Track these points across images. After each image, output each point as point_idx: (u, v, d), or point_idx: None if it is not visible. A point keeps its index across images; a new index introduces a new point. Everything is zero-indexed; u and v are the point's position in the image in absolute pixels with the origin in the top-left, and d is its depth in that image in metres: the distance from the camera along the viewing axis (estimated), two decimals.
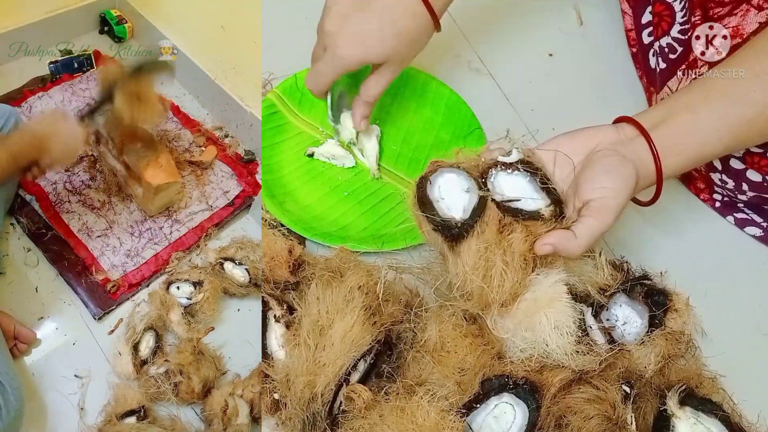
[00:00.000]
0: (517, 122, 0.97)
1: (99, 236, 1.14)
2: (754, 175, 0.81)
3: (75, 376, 0.97)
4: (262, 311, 0.74)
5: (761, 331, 0.81)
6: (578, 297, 0.71)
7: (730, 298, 0.82)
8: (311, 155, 0.92)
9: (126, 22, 1.42)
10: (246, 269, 1.09)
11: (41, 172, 0.98)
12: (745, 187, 0.83)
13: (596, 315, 0.71)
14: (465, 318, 0.70)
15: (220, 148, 1.29)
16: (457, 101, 0.94)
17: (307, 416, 0.65)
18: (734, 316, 0.81)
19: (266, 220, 0.83)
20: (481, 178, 0.66)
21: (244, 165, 1.29)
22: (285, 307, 0.74)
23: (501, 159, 0.67)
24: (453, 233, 0.63)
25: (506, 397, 0.65)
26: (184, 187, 1.21)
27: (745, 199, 0.87)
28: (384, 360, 0.70)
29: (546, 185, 0.66)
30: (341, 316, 0.67)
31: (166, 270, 1.11)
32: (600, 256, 0.74)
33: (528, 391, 0.65)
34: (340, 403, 0.66)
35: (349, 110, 0.87)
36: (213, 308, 1.04)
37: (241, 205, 1.23)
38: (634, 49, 1.01)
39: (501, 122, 0.95)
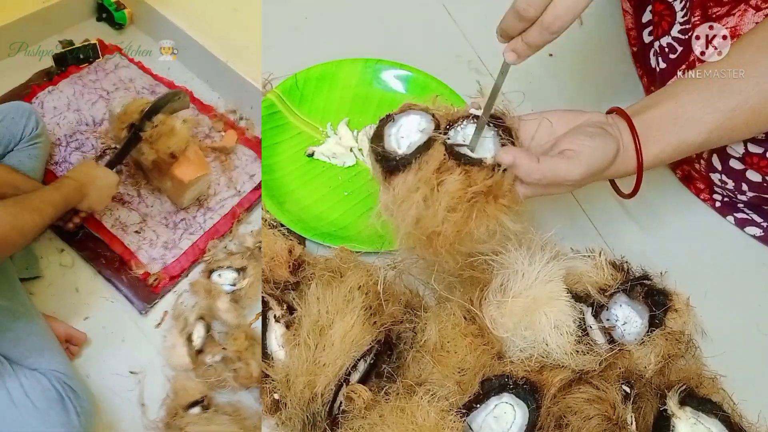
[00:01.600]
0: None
1: (135, 231, 1.12)
2: (753, 176, 0.81)
3: (130, 372, 0.96)
4: (262, 311, 0.74)
5: (761, 331, 0.81)
6: (578, 297, 0.71)
7: (730, 298, 0.82)
8: (311, 155, 0.92)
9: (125, 8, 1.39)
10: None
11: (79, 218, 1.05)
12: (744, 187, 0.83)
13: (596, 315, 0.71)
14: (465, 318, 0.70)
15: (239, 132, 1.28)
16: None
17: (307, 416, 0.65)
18: (734, 316, 0.81)
19: (266, 220, 0.83)
20: (448, 125, 0.66)
21: None
22: (285, 307, 0.74)
23: (472, 111, 0.67)
24: (389, 165, 0.64)
25: (506, 397, 0.65)
26: (213, 176, 1.20)
27: (745, 200, 0.87)
28: (384, 360, 0.70)
29: (510, 142, 0.65)
30: (341, 316, 0.67)
31: (204, 259, 1.10)
32: (600, 256, 0.74)
33: (528, 391, 0.65)
34: (340, 403, 0.66)
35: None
36: (257, 293, 1.02)
37: None
38: (635, 49, 1.01)
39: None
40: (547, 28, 0.60)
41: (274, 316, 0.73)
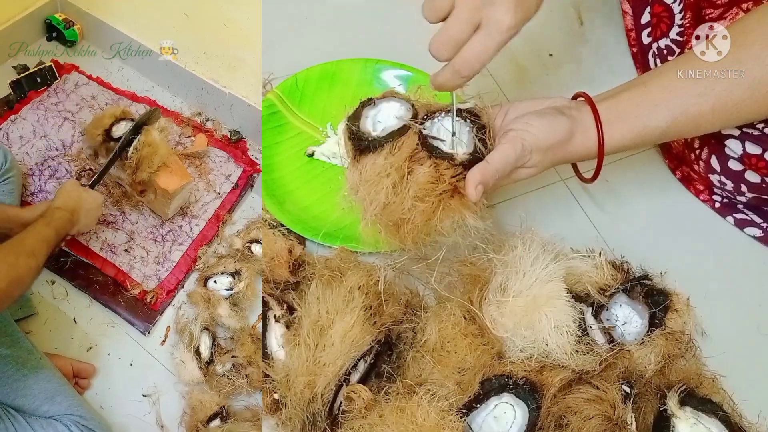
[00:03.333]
0: None
1: (124, 250, 1.11)
2: (752, 176, 0.81)
3: (143, 396, 0.96)
4: (262, 311, 0.74)
5: (761, 331, 0.81)
6: (578, 297, 0.71)
7: (730, 298, 0.82)
8: (311, 155, 0.92)
9: (74, 24, 1.36)
10: None
11: (64, 242, 1.03)
12: (744, 188, 0.83)
13: (596, 315, 0.71)
14: (465, 318, 0.70)
15: (208, 134, 1.28)
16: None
17: (307, 416, 0.65)
18: (734, 316, 0.81)
19: (266, 220, 0.83)
20: (426, 116, 0.68)
21: (235, 145, 1.29)
22: (285, 307, 0.74)
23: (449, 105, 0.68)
24: (361, 144, 0.66)
25: (506, 397, 0.65)
26: (195, 184, 1.21)
27: (745, 200, 0.87)
28: (384, 360, 0.70)
29: (477, 142, 0.66)
30: (341, 316, 0.67)
31: (197, 267, 1.10)
32: (600, 256, 0.74)
33: (528, 391, 0.65)
34: (340, 403, 0.66)
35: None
36: (255, 294, 1.03)
37: (245, 185, 1.23)
38: (635, 49, 1.01)
39: None
40: (458, 72, 0.64)
41: (274, 316, 0.73)
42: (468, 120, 0.67)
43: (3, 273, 0.80)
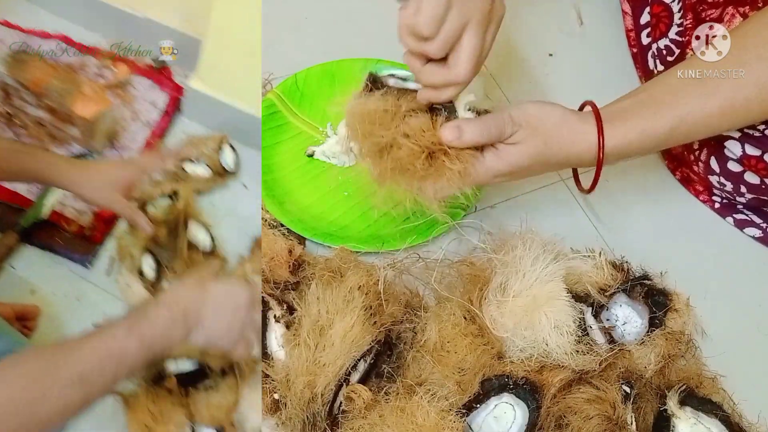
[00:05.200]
0: None
1: None
2: (752, 178, 0.81)
3: (92, 325, 0.94)
4: (263, 311, 0.74)
5: (761, 331, 0.81)
6: (578, 297, 0.71)
7: (730, 298, 0.82)
8: (311, 155, 0.92)
9: None
10: (205, 164, 1.09)
11: None
12: (743, 189, 0.83)
13: (596, 315, 0.71)
14: (465, 318, 0.70)
15: (130, 64, 1.23)
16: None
17: (307, 416, 0.65)
18: (734, 316, 0.81)
19: (266, 220, 0.83)
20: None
21: (160, 72, 1.24)
22: (285, 307, 0.74)
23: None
24: (374, 83, 0.71)
25: (506, 397, 0.65)
26: (117, 110, 1.15)
27: (744, 201, 0.87)
28: (384, 360, 0.70)
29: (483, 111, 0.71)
30: (341, 316, 0.67)
31: (133, 196, 1.03)
32: (600, 256, 0.75)
33: (528, 391, 0.65)
34: (340, 403, 0.66)
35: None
36: (193, 212, 1.02)
37: (174, 111, 1.20)
38: (635, 50, 1.01)
39: None
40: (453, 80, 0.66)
41: (274, 316, 0.73)
42: (476, 113, 0.70)
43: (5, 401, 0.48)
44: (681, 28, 0.89)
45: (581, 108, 0.74)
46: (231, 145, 1.11)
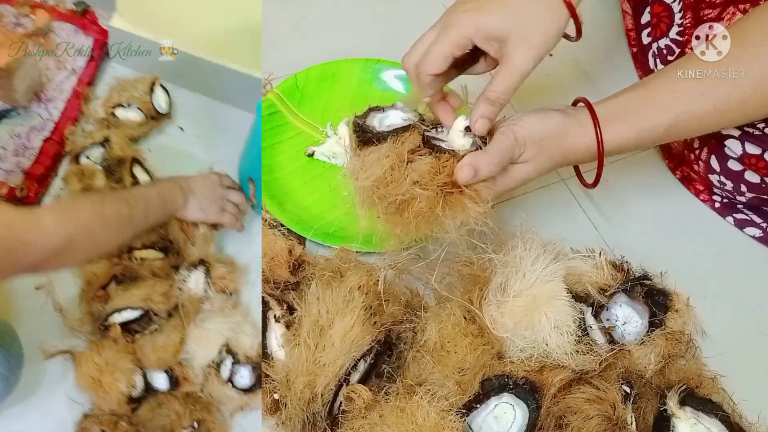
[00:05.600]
0: None
1: None
2: (752, 176, 0.81)
3: (36, 289, 0.91)
4: (262, 311, 0.74)
5: (761, 331, 0.81)
6: (578, 297, 0.71)
7: (730, 298, 0.82)
8: (311, 155, 0.92)
9: None
10: (137, 108, 1.05)
11: None
12: (743, 188, 0.83)
13: (596, 315, 0.71)
14: (465, 318, 0.70)
15: (50, 9, 1.17)
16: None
17: (307, 416, 0.65)
18: (734, 316, 0.81)
19: (266, 220, 0.83)
20: (432, 125, 0.69)
21: (83, 16, 1.19)
22: (285, 307, 0.74)
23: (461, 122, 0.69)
24: (365, 136, 0.67)
25: (506, 397, 0.65)
26: (37, 59, 1.09)
27: (744, 200, 0.87)
28: (384, 360, 0.70)
29: (483, 140, 0.67)
30: (341, 316, 0.67)
31: (67, 150, 1.04)
32: (600, 256, 0.75)
33: (528, 391, 0.65)
34: (340, 403, 0.66)
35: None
36: (127, 153, 1.00)
37: (101, 56, 1.15)
38: (635, 49, 1.01)
39: None
40: (494, 102, 0.66)
41: (274, 316, 0.73)
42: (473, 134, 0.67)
43: (81, 212, 0.72)
44: (681, 28, 0.89)
45: (574, 104, 0.73)
46: (163, 87, 1.08)
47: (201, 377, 0.81)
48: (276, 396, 0.69)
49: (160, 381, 0.81)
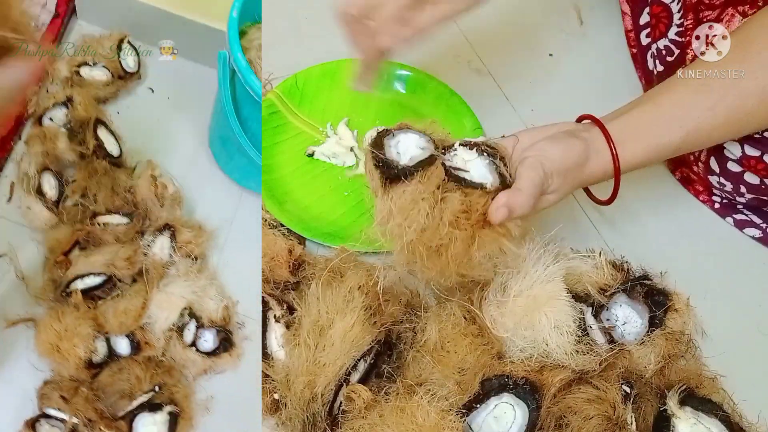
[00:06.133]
0: (517, 122, 0.97)
1: None
2: (751, 178, 0.81)
3: None
4: (262, 311, 0.74)
5: (761, 331, 0.81)
6: (578, 297, 0.71)
7: (730, 298, 0.82)
8: (311, 155, 0.92)
9: None
10: (103, 66, 1.01)
11: None
12: (743, 189, 0.83)
13: (596, 315, 0.71)
14: (465, 318, 0.70)
15: None
16: (457, 101, 0.94)
17: (307, 416, 0.65)
18: (734, 316, 0.81)
19: (266, 220, 0.83)
20: (443, 149, 0.66)
21: None
22: (285, 307, 0.74)
23: (466, 139, 0.67)
24: (391, 173, 0.63)
25: (506, 397, 0.65)
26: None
27: (744, 202, 0.87)
28: (384, 360, 0.70)
29: (501, 172, 0.64)
30: (341, 316, 0.67)
31: (29, 112, 0.98)
32: (600, 256, 0.75)
33: (528, 391, 0.65)
34: (340, 403, 0.66)
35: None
36: (90, 114, 0.95)
37: (66, 12, 1.09)
38: (634, 50, 1.01)
39: (501, 122, 0.96)
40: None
41: (274, 316, 0.73)
42: (486, 153, 0.65)
43: None
44: (681, 29, 0.89)
45: (579, 120, 0.73)
46: (132, 45, 1.04)
47: (162, 341, 0.80)
48: (276, 396, 0.69)
49: (122, 346, 0.80)
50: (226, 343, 0.82)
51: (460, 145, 0.66)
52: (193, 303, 0.82)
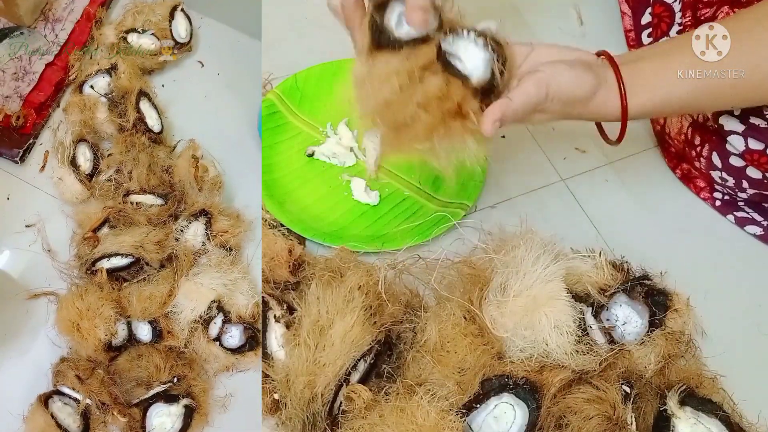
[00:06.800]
0: None
1: None
2: (754, 172, 0.81)
3: (26, 226, 0.86)
4: (262, 311, 0.74)
5: (761, 331, 0.81)
6: (578, 297, 0.71)
7: (730, 298, 0.82)
8: (311, 155, 0.92)
9: None
10: (152, 34, 0.97)
11: None
12: (745, 184, 0.83)
13: (596, 315, 0.71)
14: (465, 318, 0.70)
15: None
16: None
17: (307, 416, 0.65)
18: (734, 316, 0.81)
19: (266, 220, 0.83)
20: (450, 30, 0.64)
21: None
22: (285, 307, 0.74)
23: (477, 26, 0.65)
24: (381, 38, 0.62)
25: (506, 397, 0.65)
26: None
27: (746, 197, 0.87)
28: (384, 360, 0.70)
29: (494, 72, 0.62)
30: (341, 316, 0.67)
31: (71, 78, 0.95)
32: (600, 256, 0.75)
33: (528, 391, 0.65)
34: (340, 403, 0.66)
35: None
36: (132, 88, 0.92)
37: None
38: (634, 49, 1.01)
39: None
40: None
41: (274, 316, 0.73)
42: (490, 47, 0.63)
43: None
44: (681, 27, 0.89)
45: (598, 55, 0.73)
46: (185, 13, 1.00)
47: (186, 332, 0.77)
48: (276, 396, 0.69)
49: (144, 332, 0.78)
50: (252, 341, 0.78)
51: (465, 31, 0.63)
52: (222, 296, 0.79)
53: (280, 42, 1.04)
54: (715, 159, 0.84)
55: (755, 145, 0.78)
